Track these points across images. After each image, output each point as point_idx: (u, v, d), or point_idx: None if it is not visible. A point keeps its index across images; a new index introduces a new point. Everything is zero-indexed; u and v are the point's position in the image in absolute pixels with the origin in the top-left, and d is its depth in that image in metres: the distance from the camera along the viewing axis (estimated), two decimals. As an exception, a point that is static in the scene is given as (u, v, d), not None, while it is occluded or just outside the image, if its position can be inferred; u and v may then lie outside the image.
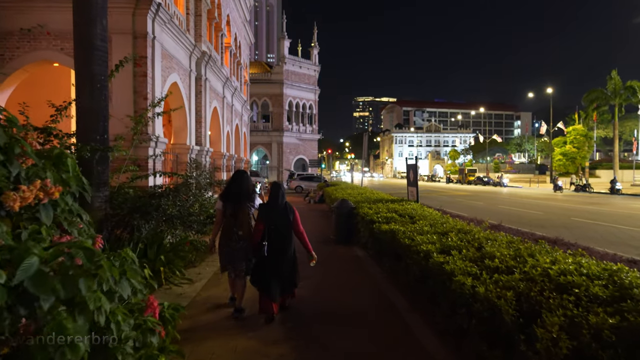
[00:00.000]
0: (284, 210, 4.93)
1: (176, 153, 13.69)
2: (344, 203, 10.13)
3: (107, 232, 5.97)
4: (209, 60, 15.21)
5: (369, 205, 9.75)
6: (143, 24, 10.07)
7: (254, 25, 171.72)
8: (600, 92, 40.26)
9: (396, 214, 8.39)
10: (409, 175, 11.45)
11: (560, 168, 53.44)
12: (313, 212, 17.89)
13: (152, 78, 10.42)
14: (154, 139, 10.19)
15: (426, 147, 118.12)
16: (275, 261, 4.74)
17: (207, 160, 15.62)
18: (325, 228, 12.67)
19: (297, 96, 44.42)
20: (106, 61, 5.99)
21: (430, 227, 6.43)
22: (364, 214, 8.80)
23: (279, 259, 4.78)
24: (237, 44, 22.92)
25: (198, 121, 14.74)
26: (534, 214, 17.44)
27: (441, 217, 7.74)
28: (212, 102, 16.61)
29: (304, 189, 32.31)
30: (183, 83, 13.35)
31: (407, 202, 10.36)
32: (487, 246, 4.80)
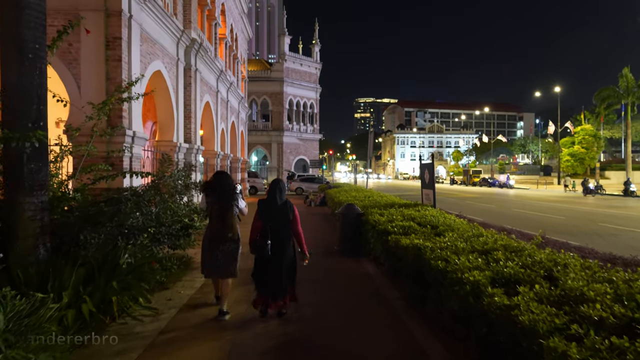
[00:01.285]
0: (284, 208, 4.76)
1: (161, 151, 12.26)
2: (350, 208, 8.69)
3: (44, 250, 4.56)
4: (200, 49, 13.80)
5: (380, 210, 8.32)
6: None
7: (255, 25, 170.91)
8: (612, 90, 38.78)
9: (414, 222, 6.98)
10: (423, 176, 10.02)
11: (569, 169, 51.97)
12: (314, 216, 16.45)
13: (128, 64, 9.01)
14: (129, 134, 8.77)
15: (428, 147, 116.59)
16: (274, 260, 4.62)
17: (198, 160, 14.20)
18: (328, 236, 11.24)
19: (298, 94, 42.97)
20: (43, 26, 4.57)
21: (465, 243, 4.99)
22: (374, 222, 7.37)
23: (278, 258, 4.65)
24: (233, 36, 21.51)
25: (187, 116, 13.33)
26: (555, 218, 16.00)
27: (470, 227, 6.31)
28: (203, 96, 15.20)
29: (304, 191, 30.87)
30: (169, 72, 11.94)
31: (423, 207, 8.94)
32: (561, 275, 3.38)
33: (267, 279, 4.66)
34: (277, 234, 4.66)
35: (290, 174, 36.20)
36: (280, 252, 4.67)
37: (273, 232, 4.64)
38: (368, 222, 7.81)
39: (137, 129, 9.20)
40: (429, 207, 8.82)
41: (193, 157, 13.59)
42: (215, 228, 4.78)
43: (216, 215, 4.77)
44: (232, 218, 4.79)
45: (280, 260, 4.66)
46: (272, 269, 4.64)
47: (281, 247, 4.68)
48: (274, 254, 4.62)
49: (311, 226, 13.18)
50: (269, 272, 4.64)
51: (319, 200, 21.18)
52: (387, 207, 9.03)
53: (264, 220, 4.67)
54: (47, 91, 4.64)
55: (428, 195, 9.77)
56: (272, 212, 4.72)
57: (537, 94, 53.88)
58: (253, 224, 4.74)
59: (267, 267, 4.64)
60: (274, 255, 4.61)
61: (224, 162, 19.22)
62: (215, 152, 17.00)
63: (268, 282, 4.67)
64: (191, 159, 13.45)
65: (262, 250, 4.57)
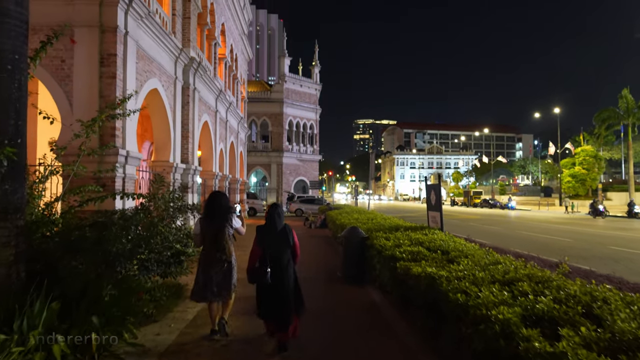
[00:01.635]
0: (284, 234, 4.60)
1: (157, 172, 11.86)
2: (353, 232, 8.23)
3: (18, 280, 4.10)
4: (199, 68, 13.56)
5: (385, 234, 7.87)
6: (112, 15, 8.40)
7: (255, 48, 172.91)
8: (612, 111, 38.72)
9: (422, 246, 6.53)
10: (429, 198, 9.60)
11: (570, 190, 51.59)
12: (314, 239, 15.94)
13: (123, 81, 8.69)
14: (122, 153, 8.39)
15: (428, 169, 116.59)
16: (276, 288, 4.41)
17: (196, 181, 13.80)
18: (329, 260, 10.74)
19: (298, 115, 42.92)
20: (24, 35, 4.22)
21: (483, 271, 4.54)
22: (380, 247, 6.91)
23: (281, 285, 4.44)
24: (233, 57, 21.41)
25: (184, 136, 12.99)
26: (563, 241, 15.51)
27: (484, 252, 5.86)
28: (202, 116, 14.90)
29: (304, 212, 30.37)
30: (166, 91, 11.65)
31: (430, 230, 8.48)
32: (603, 313, 2.94)
33: (272, 306, 4.46)
34: (277, 260, 4.47)
35: (290, 195, 35.78)
36: (282, 279, 4.47)
37: (273, 258, 4.44)
38: (373, 247, 7.34)
39: (131, 149, 8.83)
40: (436, 231, 8.38)
41: (190, 178, 13.19)
42: (209, 250, 4.68)
43: (209, 237, 4.66)
44: (225, 239, 4.67)
45: (283, 287, 4.47)
46: (276, 297, 4.44)
47: (283, 273, 4.49)
48: (276, 282, 4.41)
49: (312, 249, 12.68)
50: (273, 301, 4.44)
51: (319, 222, 20.69)
52: (392, 231, 8.58)
53: (263, 247, 4.48)
54: (26, 106, 4.26)
55: (435, 217, 9.33)
56: (271, 238, 4.54)
57: (537, 115, 53.94)
58: (252, 251, 4.55)
59: (270, 296, 4.45)
60: (275, 282, 4.41)
61: (222, 183, 18.81)
62: (214, 172, 16.62)
63: (273, 311, 4.46)
64: (188, 179, 13.05)
65: (262, 278, 4.38)
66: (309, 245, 13.52)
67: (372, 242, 7.56)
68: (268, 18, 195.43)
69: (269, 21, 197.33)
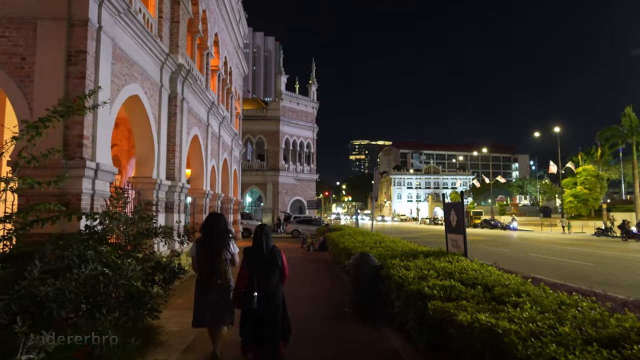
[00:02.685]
0: (272, 256, 4.47)
1: (137, 189, 10.57)
2: (364, 259, 6.89)
3: None
4: (188, 77, 12.41)
5: (403, 262, 6.57)
6: (83, 6, 7.23)
7: (252, 70, 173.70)
8: (616, 129, 37.94)
9: (453, 279, 5.26)
10: (449, 218, 8.33)
11: (572, 210, 50.47)
12: (313, 263, 14.56)
13: (95, 82, 7.47)
14: (90, 166, 7.11)
15: (425, 189, 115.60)
16: (264, 312, 4.24)
17: (183, 200, 12.48)
18: (333, 290, 9.38)
19: (294, 134, 41.87)
20: None
21: (560, 321, 3.26)
22: (400, 279, 5.61)
23: (269, 309, 4.29)
24: (227, 69, 20.35)
25: (171, 150, 11.73)
26: (584, 265, 14.23)
27: (539, 289, 4.58)
28: (191, 129, 13.68)
29: (301, 234, 28.94)
30: (150, 99, 10.45)
31: (453, 256, 7.19)
32: None
33: (258, 333, 4.28)
34: (265, 283, 4.33)
35: (286, 215, 34.39)
36: (270, 302, 4.33)
37: (261, 281, 4.30)
38: (390, 278, 6.02)
39: (102, 161, 7.54)
40: (460, 257, 7.09)
41: (176, 197, 11.88)
42: (205, 274, 4.52)
43: (206, 261, 4.51)
44: (223, 263, 4.53)
45: (272, 311, 4.33)
46: (264, 321, 4.28)
47: (271, 297, 4.35)
48: (264, 305, 4.27)
49: (311, 276, 11.31)
50: (260, 326, 4.27)
51: (318, 244, 19.32)
52: (408, 257, 7.28)
53: (251, 270, 4.33)
54: None
55: (456, 241, 8.04)
56: (259, 261, 4.40)
57: (536, 134, 53.17)
58: (239, 274, 4.43)
59: (257, 321, 4.28)
60: (263, 306, 4.26)
61: (213, 203, 17.48)
62: (204, 191, 15.30)
63: (259, 336, 4.29)
64: (174, 198, 11.73)
65: (249, 302, 4.20)
66: (308, 272, 12.14)
67: (388, 272, 6.24)
68: (265, 40, 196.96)
69: (266, 43, 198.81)
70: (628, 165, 67.34)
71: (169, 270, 4.42)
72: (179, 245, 4.88)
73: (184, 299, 7.91)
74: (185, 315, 6.74)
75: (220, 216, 4.88)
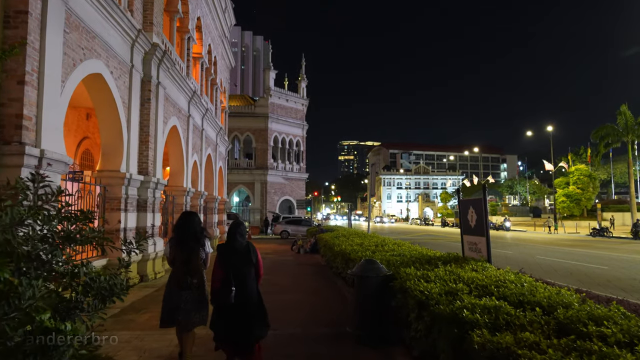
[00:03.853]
0: (246, 252, 4.36)
1: (103, 185, 9.17)
2: (370, 268, 5.58)
3: None
4: (164, 59, 11.03)
5: (420, 271, 5.31)
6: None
7: (241, 69, 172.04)
8: (611, 128, 37.25)
9: (493, 296, 4.01)
10: (465, 217, 7.11)
11: (565, 210, 49.92)
12: (305, 267, 13.26)
13: (41, 52, 6.10)
14: (32, 153, 5.73)
15: (415, 189, 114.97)
16: (240, 308, 4.15)
17: (158, 197, 11.09)
18: (328, 300, 8.10)
19: (284, 131, 40.47)
20: None
21: None
22: (422, 294, 4.34)
23: (244, 306, 4.18)
24: (211, 59, 18.93)
25: (143, 140, 10.34)
26: (597, 268, 13.16)
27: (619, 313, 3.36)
28: (169, 119, 12.29)
29: (290, 235, 27.60)
30: (117, 80, 9.05)
31: (476, 263, 5.96)
32: None
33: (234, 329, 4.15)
34: (241, 280, 4.24)
35: (275, 215, 33.03)
36: (247, 298, 4.23)
37: (237, 278, 4.21)
38: (407, 293, 4.74)
39: (50, 148, 6.16)
40: (485, 265, 5.86)
41: (150, 194, 10.49)
42: (179, 274, 4.42)
43: (180, 260, 4.44)
44: (198, 262, 4.50)
45: (246, 307, 4.21)
46: (238, 318, 4.15)
47: (247, 293, 4.26)
48: (239, 302, 4.17)
49: (303, 284, 10.01)
50: (236, 322, 4.15)
51: (309, 246, 18.02)
52: (423, 264, 6.03)
53: (225, 267, 4.26)
54: None
55: (475, 244, 6.82)
56: (234, 258, 4.32)
57: (528, 133, 52.55)
58: (213, 272, 4.34)
59: (232, 317, 4.15)
60: (239, 302, 4.16)
61: (195, 202, 16.07)
62: (184, 188, 13.90)
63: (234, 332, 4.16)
64: (147, 195, 10.34)
65: (226, 298, 4.10)
66: (300, 279, 10.83)
67: (402, 285, 4.96)
68: (253, 39, 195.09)
69: (255, 42, 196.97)
70: (616, 165, 67.46)
71: (97, 290, 3.05)
72: (126, 255, 3.49)
73: (151, 315, 6.55)
74: (149, 339, 5.40)
75: (193, 214, 4.71)
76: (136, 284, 9.57)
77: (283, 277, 10.97)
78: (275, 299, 8.06)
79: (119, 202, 9.27)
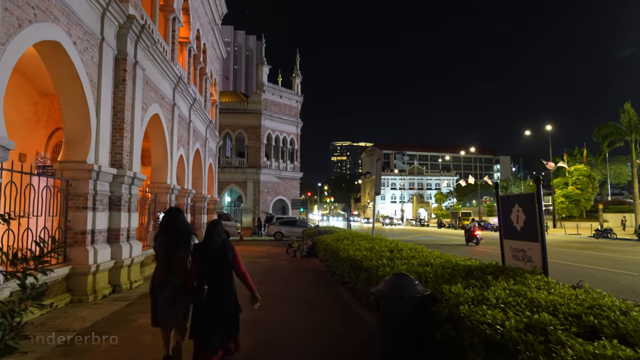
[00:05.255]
0: (222, 250, 4.22)
1: (65, 178, 7.69)
2: (401, 283, 4.13)
3: None
4: (143, 35, 9.55)
5: (468, 289, 3.92)
6: None
7: (233, 68, 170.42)
8: (614, 126, 36.26)
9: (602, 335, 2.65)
10: (508, 217, 5.75)
11: (564, 211, 49.02)
12: (303, 274, 11.84)
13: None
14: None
15: (409, 190, 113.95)
16: (214, 307, 4.09)
17: (135, 194, 9.61)
18: (335, 317, 6.67)
19: (277, 129, 38.98)
20: None
21: None
22: (494, 331, 2.95)
23: (219, 304, 4.11)
24: (200, 46, 17.43)
25: (118, 127, 8.87)
26: (628, 275, 11.89)
27: None
28: (150, 105, 10.80)
29: (285, 236, 26.13)
30: (83, 54, 7.58)
31: (531, 275, 4.61)
32: None
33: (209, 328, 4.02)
34: (217, 277, 4.15)
35: (269, 216, 31.54)
36: (222, 297, 4.12)
37: (212, 276, 4.15)
38: (460, 324, 3.34)
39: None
40: (545, 278, 4.51)
41: (125, 190, 9.01)
42: (161, 272, 4.33)
43: (162, 258, 4.36)
44: (180, 261, 4.34)
45: (223, 306, 4.12)
46: (213, 318, 4.06)
47: (223, 291, 4.14)
48: (215, 300, 4.09)
49: (303, 295, 8.57)
50: (210, 322, 4.04)
51: (305, 249, 16.60)
52: (463, 277, 4.65)
53: (201, 265, 4.15)
54: None
55: (522, 251, 5.48)
56: (210, 255, 4.17)
57: (527, 132, 51.58)
58: (190, 269, 4.27)
59: (206, 316, 4.07)
60: (214, 301, 4.09)
61: (182, 200, 14.58)
62: (168, 185, 12.41)
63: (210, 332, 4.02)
64: (122, 192, 8.87)
65: (199, 296, 4.09)
66: (300, 289, 9.40)
67: (451, 311, 3.56)
68: (246, 39, 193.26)
69: (247, 42, 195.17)
70: (610, 165, 66.81)
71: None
72: (33, 279, 2.01)
73: (111, 346, 5.11)
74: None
75: (179, 211, 4.69)
76: (106, 297, 8.10)
77: (279, 286, 9.56)
78: (272, 316, 6.64)
79: (86, 199, 7.79)
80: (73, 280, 7.53)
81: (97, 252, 7.88)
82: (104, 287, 8.12)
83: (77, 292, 7.52)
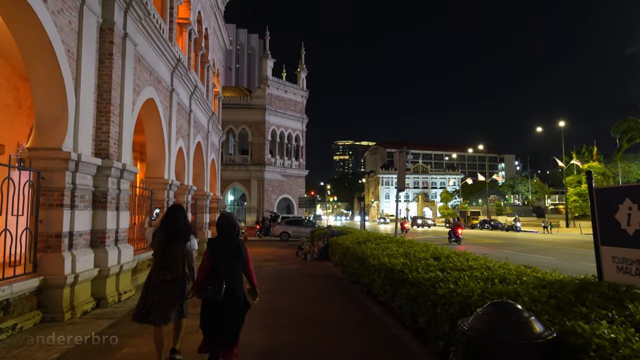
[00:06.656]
0: (237, 247, 4.12)
1: (36, 169, 6.27)
2: (507, 319, 2.70)
3: None
4: (134, 4, 8.14)
5: (618, 334, 2.50)
6: None
7: (236, 67, 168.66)
8: (633, 122, 34.75)
9: None
10: (611, 217, 4.30)
11: (577, 210, 47.54)
12: (318, 281, 10.40)
13: None
14: None
15: (414, 188, 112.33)
16: (227, 304, 3.96)
17: (124, 189, 8.18)
18: (378, 349, 5.24)
19: (282, 125, 37.55)
20: None
21: None
22: None
23: (232, 301, 4.00)
24: (202, 30, 16.02)
25: (103, 111, 7.46)
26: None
27: None
28: (143, 88, 9.39)
29: (291, 237, 24.68)
30: (56, 16, 6.16)
31: None
32: None
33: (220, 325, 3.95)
34: (230, 275, 3.99)
35: (274, 215, 30.13)
36: (233, 294, 3.99)
37: (226, 273, 3.96)
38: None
39: None
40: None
41: (112, 184, 7.60)
42: (156, 268, 4.33)
43: (159, 254, 4.35)
44: (175, 258, 4.32)
45: (234, 303, 4.02)
46: (225, 313, 3.97)
47: (234, 289, 4.00)
48: (228, 297, 3.94)
49: (323, 311, 7.10)
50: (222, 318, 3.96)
51: (317, 251, 15.19)
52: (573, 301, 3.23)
53: (215, 261, 3.99)
54: None
55: (632, 261, 4.04)
56: (224, 252, 4.03)
57: (539, 129, 50.05)
58: (201, 266, 4.06)
59: (218, 312, 3.94)
60: (227, 298, 3.93)
61: (181, 198, 13.17)
62: (166, 180, 10.99)
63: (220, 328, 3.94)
64: (108, 186, 7.45)
65: (213, 293, 3.86)
66: (318, 301, 7.96)
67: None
68: (248, 37, 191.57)
69: (249, 40, 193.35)
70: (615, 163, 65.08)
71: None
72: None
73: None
74: None
75: (181, 209, 4.61)
76: (87, 313, 6.69)
77: (293, 298, 8.14)
78: (294, 342, 5.20)
79: (62, 195, 6.38)
80: (45, 294, 6.12)
81: (76, 258, 6.47)
82: (84, 301, 6.71)
83: (50, 308, 6.11)
